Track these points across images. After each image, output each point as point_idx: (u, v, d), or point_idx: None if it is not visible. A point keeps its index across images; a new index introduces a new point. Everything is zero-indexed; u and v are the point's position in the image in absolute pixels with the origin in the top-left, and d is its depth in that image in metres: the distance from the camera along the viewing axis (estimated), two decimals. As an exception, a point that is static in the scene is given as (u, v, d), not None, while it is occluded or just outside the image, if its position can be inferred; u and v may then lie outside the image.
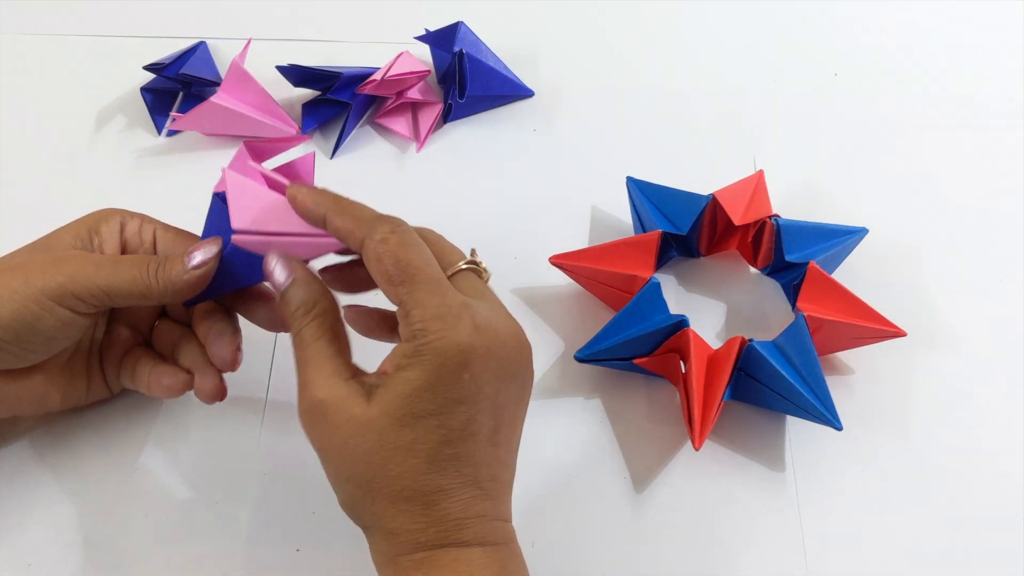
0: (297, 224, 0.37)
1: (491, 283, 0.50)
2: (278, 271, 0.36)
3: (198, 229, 0.40)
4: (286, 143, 0.41)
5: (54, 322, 0.36)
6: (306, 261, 0.37)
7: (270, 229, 0.37)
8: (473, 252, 0.37)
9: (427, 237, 0.36)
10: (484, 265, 0.37)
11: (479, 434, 0.33)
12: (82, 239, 0.39)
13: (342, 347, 0.35)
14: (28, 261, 0.37)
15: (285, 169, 0.39)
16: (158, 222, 0.41)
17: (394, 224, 0.34)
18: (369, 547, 0.34)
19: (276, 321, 0.41)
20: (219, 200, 0.38)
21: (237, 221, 0.36)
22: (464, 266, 0.35)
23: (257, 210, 0.37)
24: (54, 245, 0.38)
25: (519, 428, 0.36)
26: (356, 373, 0.35)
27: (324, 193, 0.36)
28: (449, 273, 0.35)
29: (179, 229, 0.41)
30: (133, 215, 0.40)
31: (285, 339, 0.48)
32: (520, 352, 0.34)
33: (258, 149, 0.40)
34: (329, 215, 0.35)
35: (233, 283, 0.39)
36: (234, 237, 0.36)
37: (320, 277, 0.37)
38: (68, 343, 0.39)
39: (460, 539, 0.32)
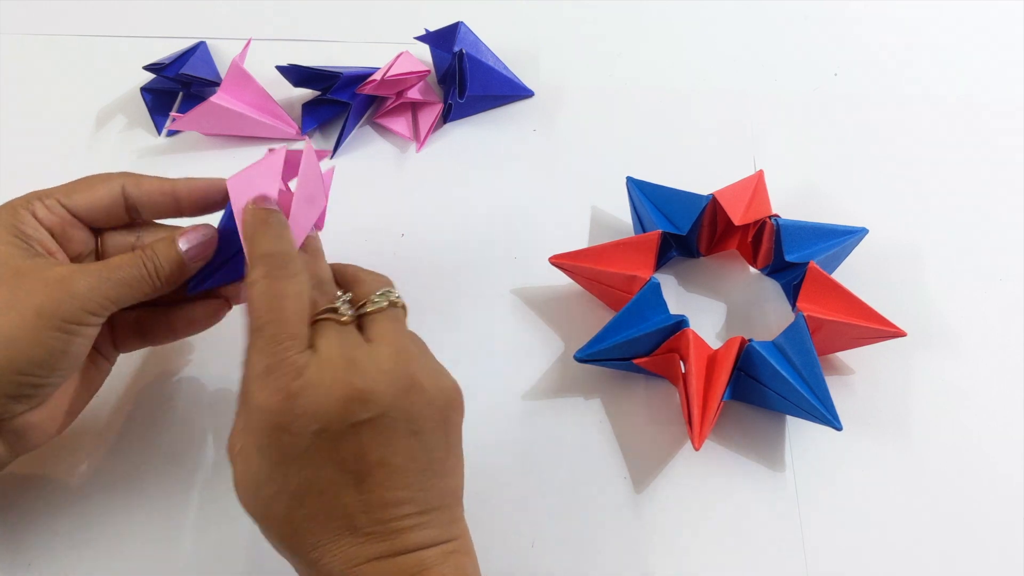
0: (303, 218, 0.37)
1: (491, 285, 0.51)
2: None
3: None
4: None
5: (73, 347, 0.36)
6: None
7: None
8: (344, 292, 0.37)
9: (343, 272, 0.38)
10: (343, 304, 0.36)
11: (329, 490, 0.33)
12: (21, 249, 0.37)
13: None
14: (15, 294, 0.35)
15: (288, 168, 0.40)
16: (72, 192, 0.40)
17: (269, 265, 0.35)
18: None
19: None
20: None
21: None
22: (322, 316, 0.35)
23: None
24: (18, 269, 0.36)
25: (418, 459, 0.34)
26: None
27: (256, 214, 0.37)
28: (311, 320, 0.35)
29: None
30: (34, 200, 0.39)
31: None
32: (355, 405, 0.32)
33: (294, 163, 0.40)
34: (251, 236, 0.36)
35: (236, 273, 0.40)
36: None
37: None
38: (84, 355, 0.38)
39: None
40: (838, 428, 0.42)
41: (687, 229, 0.48)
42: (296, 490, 0.32)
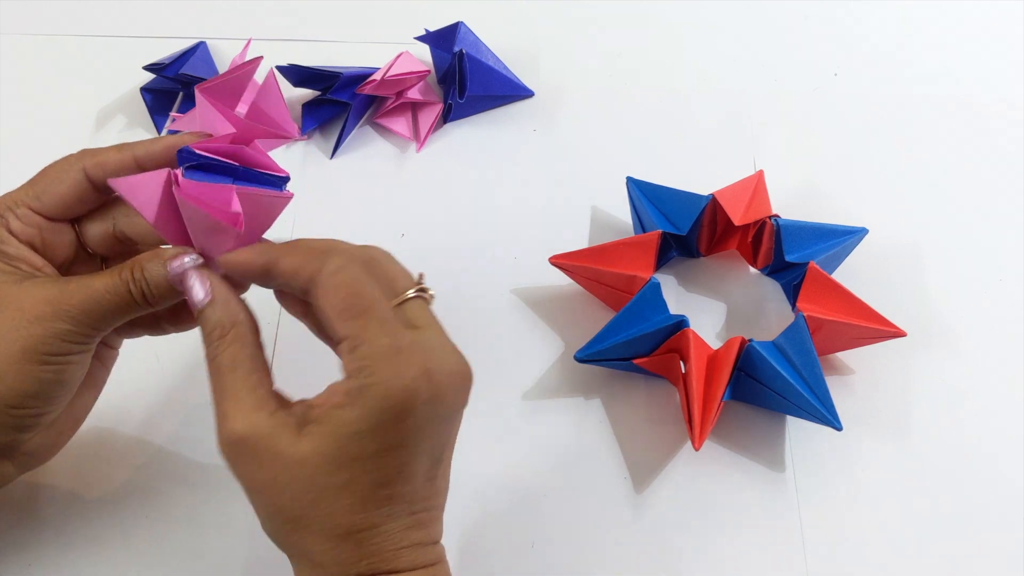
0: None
1: (491, 285, 0.51)
2: (196, 288, 0.34)
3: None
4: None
5: (67, 375, 0.35)
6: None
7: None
8: (421, 276, 0.35)
9: (378, 259, 0.34)
10: (432, 292, 0.35)
11: (417, 474, 0.32)
12: (6, 274, 0.35)
13: (263, 376, 0.33)
14: None
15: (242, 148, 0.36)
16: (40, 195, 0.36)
17: (347, 255, 0.33)
18: (295, 573, 0.34)
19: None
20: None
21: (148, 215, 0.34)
22: (413, 294, 0.33)
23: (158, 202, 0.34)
24: None
25: (450, 456, 0.35)
26: (281, 403, 0.33)
27: (263, 244, 0.34)
28: (397, 301, 0.33)
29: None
30: (6, 213, 0.36)
31: (285, 335, 0.48)
32: (463, 389, 0.33)
33: (216, 91, 0.36)
34: (278, 258, 0.33)
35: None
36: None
37: (241, 298, 0.35)
38: (83, 375, 0.37)
39: (393, 568, 0.32)
40: (838, 428, 0.42)
41: (687, 229, 0.48)
42: (390, 471, 0.31)
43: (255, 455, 0.32)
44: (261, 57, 0.36)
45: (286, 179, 0.36)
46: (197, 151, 0.34)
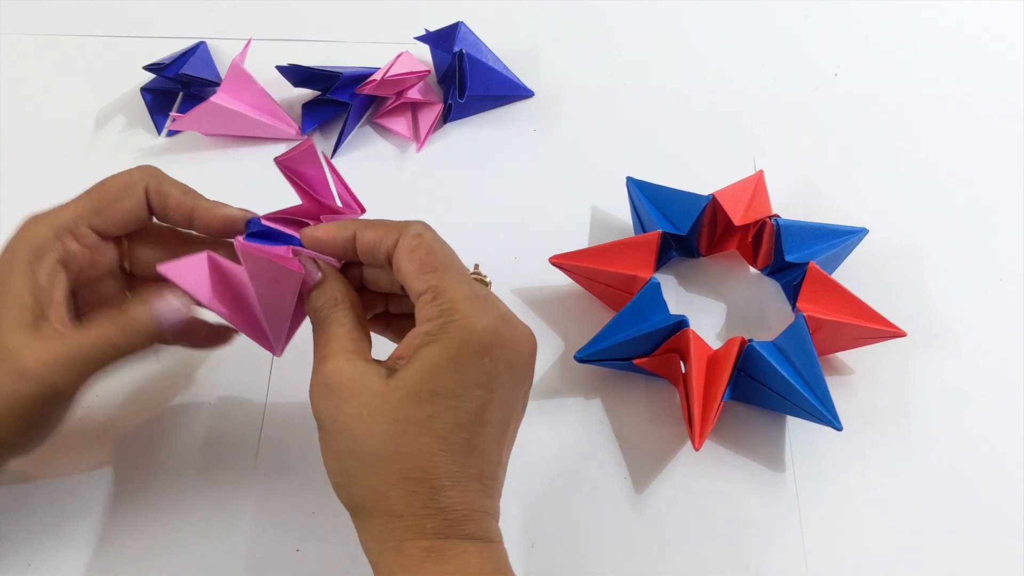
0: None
1: (491, 285, 0.51)
2: (311, 268, 0.36)
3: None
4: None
5: (57, 413, 0.36)
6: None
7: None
8: (476, 266, 0.38)
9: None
10: (489, 280, 0.38)
11: (490, 425, 0.33)
12: (18, 311, 0.35)
13: (365, 337, 0.36)
14: None
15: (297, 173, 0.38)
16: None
17: (426, 225, 0.35)
18: (360, 533, 0.33)
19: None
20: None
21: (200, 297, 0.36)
22: (472, 275, 0.36)
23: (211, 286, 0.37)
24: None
25: (514, 433, 0.36)
26: (375, 361, 0.35)
27: (345, 220, 0.37)
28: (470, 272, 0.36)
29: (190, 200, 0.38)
30: (65, 234, 0.37)
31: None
32: (532, 354, 0.35)
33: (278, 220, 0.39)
34: (359, 232, 0.36)
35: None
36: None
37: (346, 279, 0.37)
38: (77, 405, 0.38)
39: (466, 532, 0.32)
40: (838, 428, 0.42)
41: (687, 229, 0.48)
42: (468, 412, 0.32)
43: (344, 390, 0.33)
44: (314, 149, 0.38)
45: None
46: (264, 222, 0.38)
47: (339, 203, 0.39)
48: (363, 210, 0.39)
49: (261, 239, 0.38)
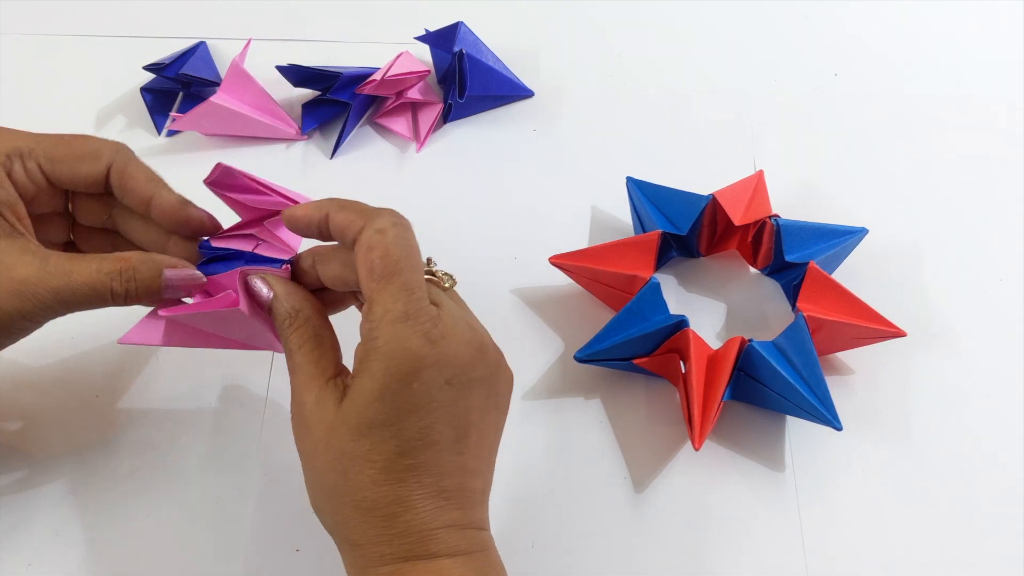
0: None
1: (491, 285, 0.51)
2: (260, 289, 0.36)
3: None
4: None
5: (28, 329, 0.36)
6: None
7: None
8: (429, 261, 0.36)
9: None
10: (441, 273, 0.36)
11: (439, 443, 0.32)
12: None
13: (325, 349, 0.35)
14: None
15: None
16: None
17: (396, 219, 0.33)
18: (341, 558, 0.34)
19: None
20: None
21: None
22: (440, 273, 0.36)
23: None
24: None
25: (491, 434, 0.35)
26: (339, 371, 0.34)
27: (323, 200, 0.36)
28: (427, 272, 0.35)
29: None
30: (14, 157, 0.36)
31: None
32: (476, 359, 0.33)
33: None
34: (332, 212, 0.34)
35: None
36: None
37: (302, 288, 0.37)
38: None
39: (428, 551, 0.32)
40: (838, 428, 0.42)
41: (687, 229, 0.48)
42: (408, 439, 0.32)
43: (307, 421, 0.33)
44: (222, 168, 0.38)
45: (290, 259, 0.39)
46: (215, 244, 0.39)
47: (281, 201, 0.38)
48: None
49: (216, 262, 0.38)
